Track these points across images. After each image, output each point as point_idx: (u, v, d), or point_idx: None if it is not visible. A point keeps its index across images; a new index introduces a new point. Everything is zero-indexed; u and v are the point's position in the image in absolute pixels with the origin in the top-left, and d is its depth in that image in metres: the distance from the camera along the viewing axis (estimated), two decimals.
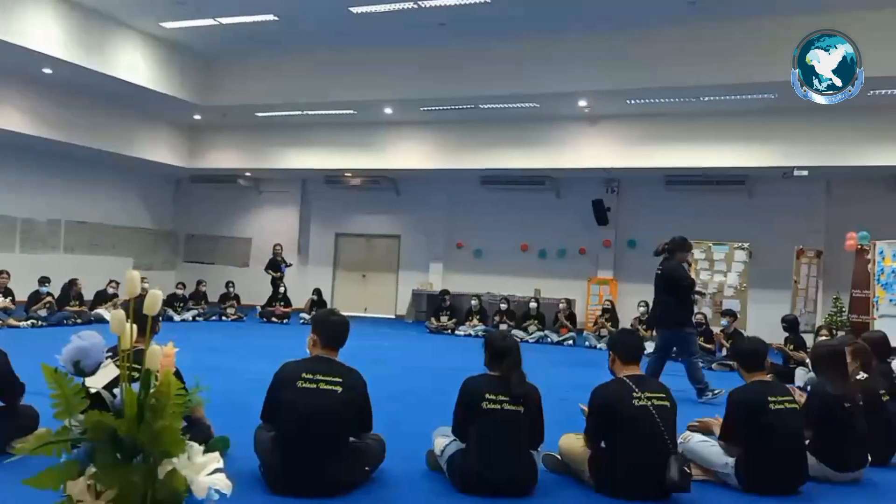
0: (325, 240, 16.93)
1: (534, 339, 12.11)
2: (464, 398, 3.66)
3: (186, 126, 15.52)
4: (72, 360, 2.01)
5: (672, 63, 10.63)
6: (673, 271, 6.94)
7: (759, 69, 10.16)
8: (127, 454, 1.91)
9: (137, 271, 2.14)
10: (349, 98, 12.77)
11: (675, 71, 10.63)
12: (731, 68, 10.35)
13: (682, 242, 7.18)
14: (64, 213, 14.75)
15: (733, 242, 11.79)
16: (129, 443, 1.89)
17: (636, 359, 3.85)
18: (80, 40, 10.85)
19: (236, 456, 3.77)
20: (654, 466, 3.47)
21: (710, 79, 10.50)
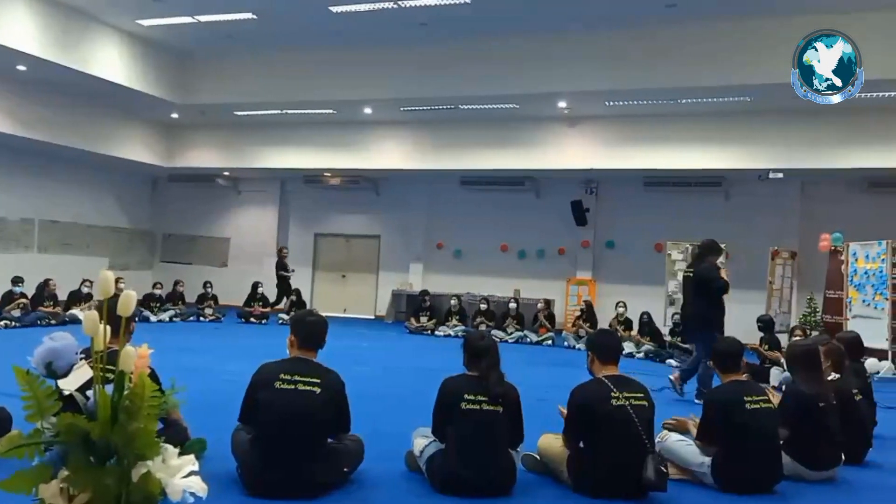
0: (305, 240, 16.83)
1: (513, 340, 12.15)
2: (443, 398, 3.66)
3: (164, 125, 15.35)
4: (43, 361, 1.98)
5: (650, 65, 10.73)
6: (706, 272, 6.97)
7: (735, 72, 10.30)
8: (100, 457, 1.88)
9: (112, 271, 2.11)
10: (329, 97, 12.72)
11: (654, 73, 10.73)
12: (708, 71, 10.47)
13: (711, 245, 7.23)
14: (37, 212, 14.50)
15: None
16: (103, 445, 1.87)
17: (614, 359, 3.87)
18: (55, 37, 10.68)
19: (214, 457, 3.73)
20: (631, 466, 3.49)
21: (688, 81, 10.61)
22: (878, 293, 9.92)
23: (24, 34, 10.18)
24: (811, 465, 4.12)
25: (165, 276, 15.37)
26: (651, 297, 12.51)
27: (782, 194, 13.13)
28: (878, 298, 9.91)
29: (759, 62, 10.09)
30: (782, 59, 9.88)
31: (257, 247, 16.79)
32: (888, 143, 11.26)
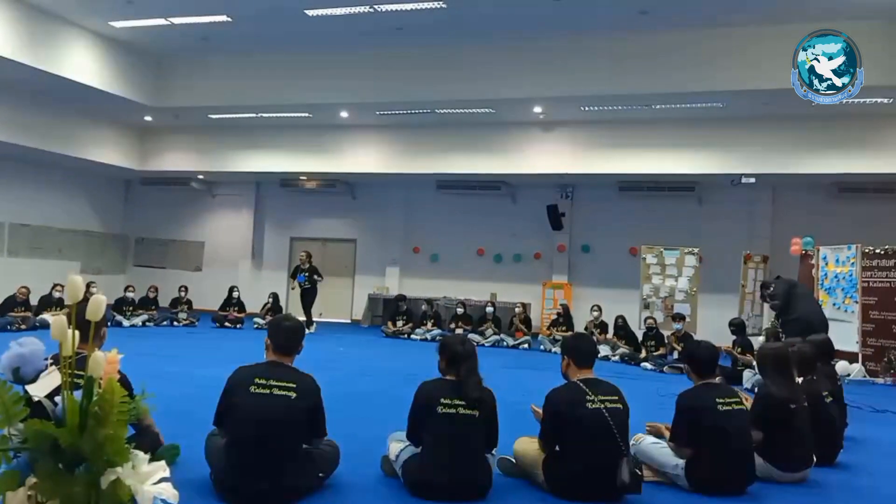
0: (280, 243, 16.72)
1: (490, 343, 12.17)
2: (419, 402, 3.65)
3: (137, 127, 15.17)
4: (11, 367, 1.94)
5: (624, 71, 10.86)
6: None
7: (707, 78, 10.47)
8: (69, 464, 1.85)
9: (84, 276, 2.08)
10: (304, 101, 12.68)
11: (628, 79, 10.86)
12: (681, 77, 10.62)
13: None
14: (7, 215, 14.24)
15: (684, 247, 12.07)
16: (72, 452, 1.84)
17: (590, 363, 3.89)
18: (26, 38, 10.50)
19: (188, 463, 3.69)
20: (606, 468, 3.51)
21: (661, 87, 10.76)
22: (848, 297, 10.10)
23: None
24: (783, 467, 4.18)
25: (139, 281, 15.15)
26: (626, 300, 12.61)
27: (754, 199, 13.35)
28: (848, 302, 10.09)
29: (730, 69, 10.27)
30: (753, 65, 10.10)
31: (232, 251, 16.65)
32: (859, 149, 11.52)
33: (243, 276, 16.10)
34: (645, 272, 12.16)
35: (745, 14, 9.79)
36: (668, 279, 11.96)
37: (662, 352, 10.62)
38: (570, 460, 3.62)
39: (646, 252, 12.26)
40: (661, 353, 10.58)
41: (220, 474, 3.40)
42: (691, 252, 11.95)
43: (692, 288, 11.80)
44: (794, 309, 7.31)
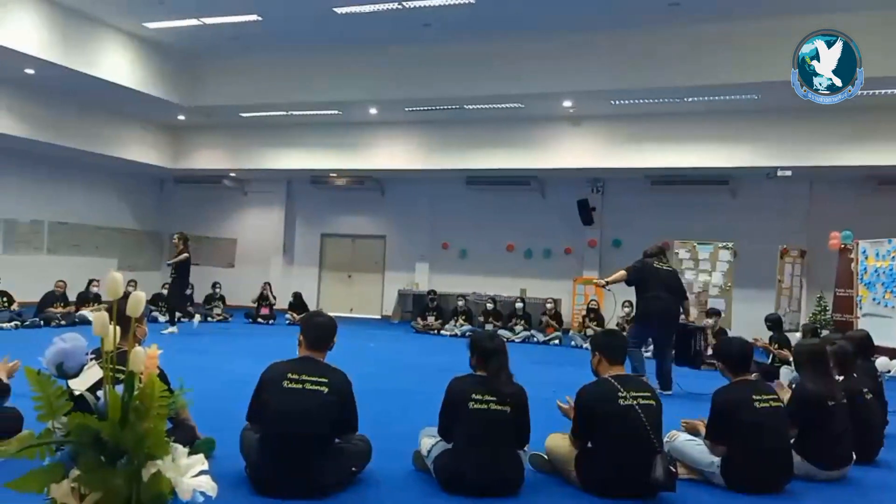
0: (311, 240, 16.88)
1: (520, 339, 12.14)
2: (450, 398, 3.66)
3: (170, 126, 15.41)
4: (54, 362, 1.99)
5: (656, 64, 10.71)
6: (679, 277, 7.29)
7: (741, 70, 10.27)
8: (111, 457, 1.89)
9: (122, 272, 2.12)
10: (334, 98, 12.74)
11: (659, 72, 10.71)
12: (714, 69, 10.44)
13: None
14: (47, 214, 14.60)
15: (718, 242, 11.87)
16: (113, 445, 1.87)
17: (621, 359, 3.87)
18: (62, 41, 10.74)
19: (222, 457, 3.74)
20: (639, 466, 3.48)
21: (694, 80, 10.59)
22: (889, 291, 9.86)
23: (31, 38, 10.25)
24: (821, 465, 4.10)
25: None
26: None
27: (791, 192, 13.09)
28: (889, 297, 9.85)
29: (764, 60, 10.05)
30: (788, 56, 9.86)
31: (264, 247, 16.84)
32: None
33: (275, 272, 16.28)
34: (677, 267, 11.97)
35: (777, 4, 9.59)
36: (701, 274, 11.78)
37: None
38: (602, 457, 3.60)
39: (679, 247, 12.08)
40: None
41: (255, 468, 3.45)
42: (725, 247, 11.75)
43: (726, 283, 11.61)
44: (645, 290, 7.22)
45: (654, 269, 7.18)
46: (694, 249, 11.87)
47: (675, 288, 7.13)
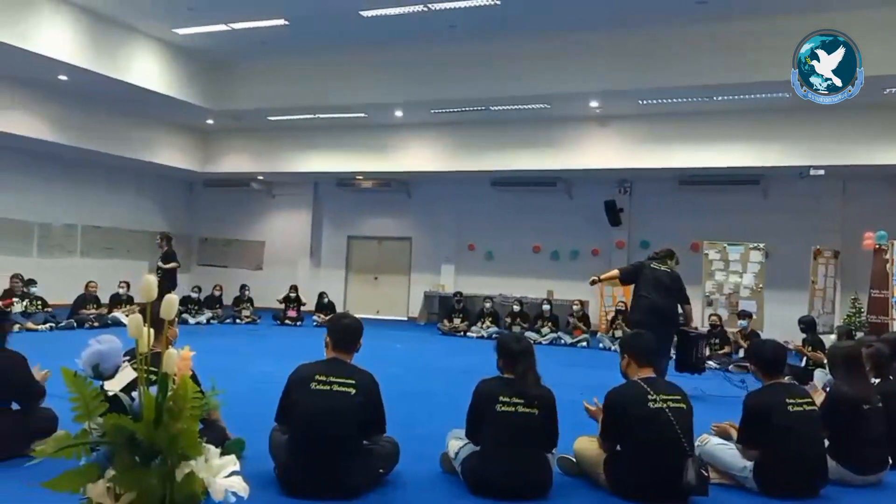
0: (338, 242, 16.99)
1: (547, 341, 12.08)
2: (477, 400, 3.66)
3: (200, 131, 15.63)
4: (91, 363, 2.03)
5: (684, 62, 10.58)
6: (681, 281, 7.25)
7: (772, 68, 10.07)
8: (145, 457, 1.92)
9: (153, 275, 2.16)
10: (360, 101, 12.81)
11: (688, 70, 10.58)
12: (743, 67, 10.28)
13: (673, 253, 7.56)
14: (79, 217, 14.89)
15: (749, 243, 11.70)
16: (148, 445, 1.90)
17: (650, 361, 3.82)
18: (94, 47, 10.96)
19: (250, 457, 3.78)
20: (670, 469, 3.43)
21: (723, 78, 10.44)
22: None
23: (65, 45, 10.48)
24: (856, 469, 4.02)
25: (202, 279, 15.66)
26: None
27: (824, 192, 12.85)
28: None
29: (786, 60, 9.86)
30: None
31: (292, 250, 16.98)
32: None
33: (302, 274, 16.41)
34: (707, 268, 11.84)
35: (805, 3, 9.42)
36: (732, 275, 11.61)
37: (727, 350, 10.34)
38: (632, 461, 3.56)
39: (708, 248, 11.93)
40: (725, 351, 10.30)
41: (284, 469, 3.48)
42: (757, 247, 11.58)
43: (758, 284, 11.44)
44: (637, 289, 7.25)
45: (648, 270, 7.19)
46: (724, 251, 11.71)
47: (670, 289, 7.07)
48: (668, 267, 7.30)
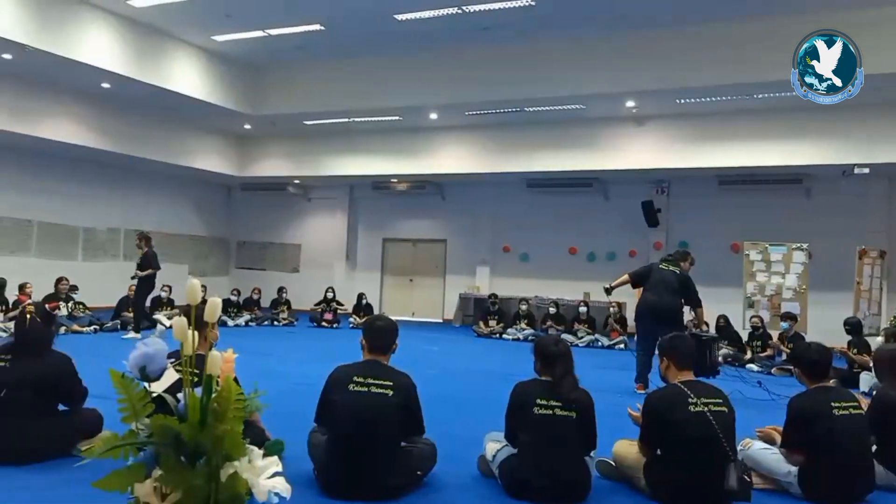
0: (373, 245, 17.10)
1: (584, 343, 11.98)
2: (515, 403, 3.64)
3: (237, 135, 15.89)
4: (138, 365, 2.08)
5: (724, 60, 10.41)
6: (691, 280, 7.32)
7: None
8: (190, 457, 1.96)
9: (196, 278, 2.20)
10: (395, 104, 12.89)
11: (727, 69, 10.41)
12: (785, 64, 10.03)
13: (689, 254, 7.67)
14: (123, 221, 15.25)
15: (791, 243, 11.44)
16: (193, 446, 1.94)
17: (690, 364, 3.76)
18: (136, 55, 11.23)
19: (289, 458, 3.80)
20: (712, 474, 3.37)
21: (764, 75, 10.22)
22: None
23: (108, 53, 10.78)
24: None
25: (240, 282, 15.91)
26: (727, 299, 12.08)
27: (869, 191, 12.53)
28: None
29: None
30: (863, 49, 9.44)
31: (328, 252, 17.15)
32: None
33: (338, 276, 16.56)
34: (748, 269, 11.61)
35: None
36: (774, 277, 11.37)
37: (770, 353, 10.13)
38: (673, 465, 3.50)
39: (749, 248, 11.71)
40: (768, 354, 10.09)
41: (323, 470, 3.50)
42: (800, 248, 11.32)
43: (801, 285, 11.18)
44: (644, 289, 7.31)
45: (656, 270, 7.25)
46: (766, 251, 11.48)
47: (675, 290, 7.07)
48: (678, 268, 7.28)
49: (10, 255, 12.94)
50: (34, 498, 3.27)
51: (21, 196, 13.17)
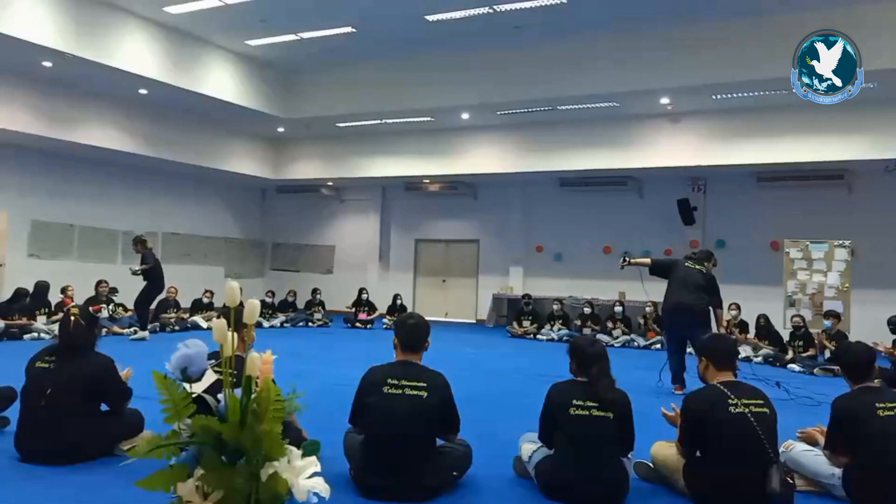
0: (406, 246, 17.14)
1: (619, 344, 11.87)
2: (550, 404, 3.61)
3: (271, 139, 16.08)
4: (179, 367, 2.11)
5: (761, 55, 10.20)
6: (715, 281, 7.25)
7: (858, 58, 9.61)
8: (231, 457, 1.98)
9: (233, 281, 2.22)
10: (426, 105, 12.91)
11: (764, 63, 10.18)
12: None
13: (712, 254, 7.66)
14: (160, 225, 15.54)
15: (833, 240, 11.18)
16: (234, 446, 1.96)
17: (730, 364, 3.69)
18: (172, 61, 11.45)
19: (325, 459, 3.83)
20: (753, 476, 3.31)
21: None
22: None
23: (146, 60, 11.00)
24: None
25: (275, 284, 16.10)
26: (767, 298, 11.88)
27: None
28: None
29: (883, 47, 9.39)
30: None
31: (361, 253, 17.25)
32: None
33: (371, 277, 16.65)
34: (789, 268, 11.38)
35: None
36: (815, 275, 11.12)
37: (812, 353, 9.91)
38: (713, 467, 3.44)
39: (789, 246, 11.47)
40: (810, 353, 9.88)
41: (359, 470, 3.52)
42: (842, 245, 11.06)
43: (844, 284, 10.91)
44: (668, 285, 7.26)
45: (682, 267, 7.18)
46: (806, 249, 11.24)
47: (703, 289, 7.00)
48: (703, 267, 7.22)
49: (53, 259, 13.28)
50: (79, 496, 3.35)
51: (63, 201, 13.50)
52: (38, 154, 12.81)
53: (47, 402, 3.74)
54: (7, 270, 12.37)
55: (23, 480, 3.52)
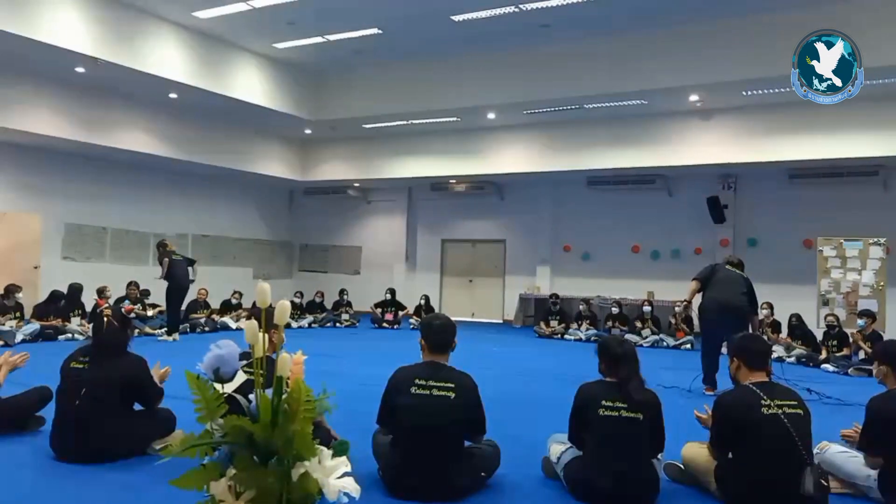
0: (432, 246, 17.17)
1: (648, 344, 11.75)
2: (579, 404, 3.59)
3: (298, 140, 16.21)
4: (212, 367, 2.14)
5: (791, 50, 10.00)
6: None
7: (890, 51, 9.41)
8: (263, 457, 2.01)
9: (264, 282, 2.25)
10: (452, 105, 12.91)
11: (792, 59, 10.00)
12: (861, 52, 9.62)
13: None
14: (190, 227, 15.76)
15: (868, 238, 10.94)
16: (265, 446, 1.99)
17: (763, 365, 3.63)
18: (201, 65, 11.61)
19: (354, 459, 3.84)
20: (787, 478, 3.25)
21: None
22: None
23: (175, 65, 11.17)
24: None
25: (303, 284, 16.22)
26: (799, 297, 11.67)
27: None
28: None
29: None
30: None
31: (387, 254, 17.31)
32: None
33: (398, 278, 16.70)
34: (822, 266, 11.16)
35: None
36: (849, 273, 10.90)
37: (846, 352, 9.71)
38: (746, 469, 3.39)
39: (823, 244, 11.26)
40: (844, 353, 9.69)
41: (387, 471, 3.54)
42: (877, 242, 10.82)
43: (878, 282, 10.68)
44: (707, 290, 7.19)
45: (720, 269, 7.22)
46: (840, 246, 11.02)
47: (744, 290, 6.99)
48: (742, 272, 7.27)
49: (86, 262, 13.54)
50: (113, 494, 3.41)
51: (95, 204, 13.76)
52: (70, 158, 13.07)
53: (81, 402, 3.82)
54: (42, 273, 12.64)
55: (58, 479, 3.60)
